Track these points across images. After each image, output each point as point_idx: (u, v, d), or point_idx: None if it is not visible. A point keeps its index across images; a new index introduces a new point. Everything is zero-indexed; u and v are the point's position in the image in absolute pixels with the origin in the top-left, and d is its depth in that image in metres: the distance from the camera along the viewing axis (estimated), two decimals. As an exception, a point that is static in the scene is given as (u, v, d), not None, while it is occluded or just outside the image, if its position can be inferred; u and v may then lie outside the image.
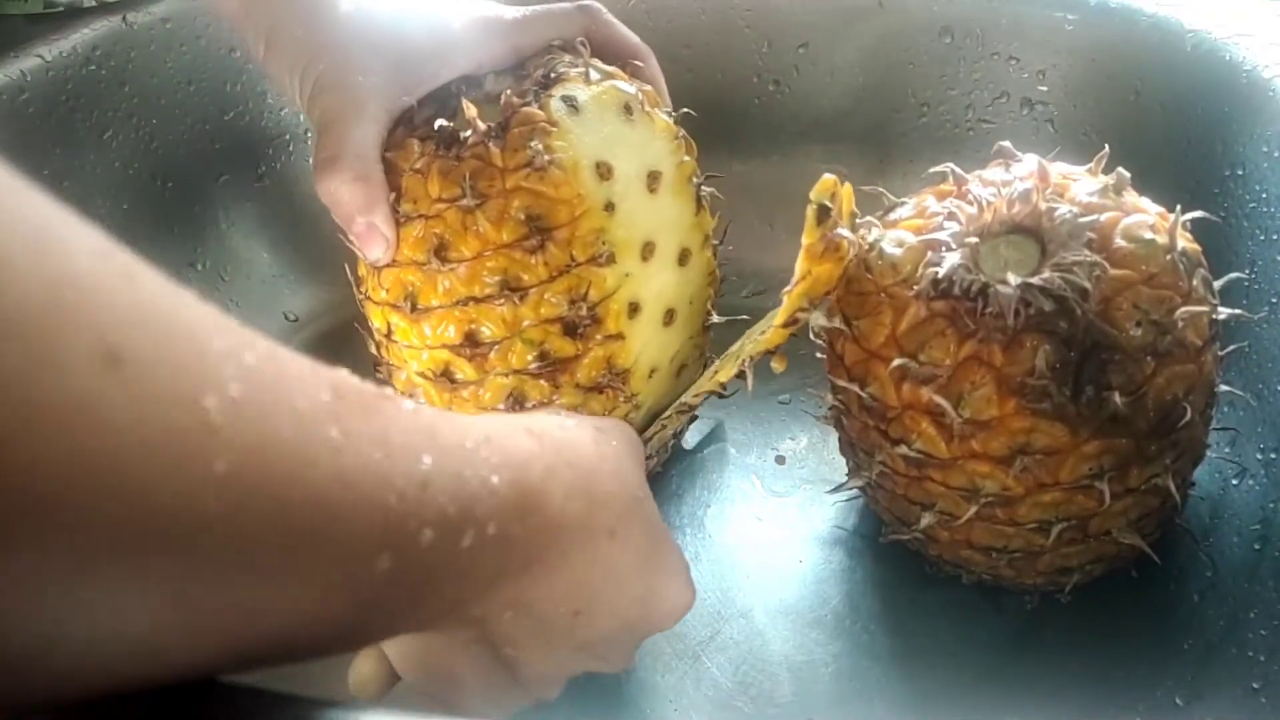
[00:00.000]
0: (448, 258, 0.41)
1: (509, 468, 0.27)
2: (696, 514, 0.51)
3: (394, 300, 0.43)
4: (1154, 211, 0.38)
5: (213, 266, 0.62)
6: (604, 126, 0.42)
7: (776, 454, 0.54)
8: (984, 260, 0.37)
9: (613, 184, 0.41)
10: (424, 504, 0.23)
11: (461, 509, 0.25)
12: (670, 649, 0.45)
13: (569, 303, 0.41)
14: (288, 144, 0.66)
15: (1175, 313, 0.36)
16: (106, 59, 0.56)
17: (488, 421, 0.29)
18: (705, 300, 0.48)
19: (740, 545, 0.50)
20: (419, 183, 0.41)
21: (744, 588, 0.48)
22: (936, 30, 0.58)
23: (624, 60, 0.46)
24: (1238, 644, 0.39)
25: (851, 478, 0.45)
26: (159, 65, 0.59)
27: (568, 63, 0.43)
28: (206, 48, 0.60)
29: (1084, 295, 0.35)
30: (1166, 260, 0.36)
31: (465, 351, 0.42)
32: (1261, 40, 0.48)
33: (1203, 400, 0.38)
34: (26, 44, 0.54)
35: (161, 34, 0.59)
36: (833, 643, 0.45)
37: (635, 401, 0.45)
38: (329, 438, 0.20)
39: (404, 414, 0.24)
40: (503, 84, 0.43)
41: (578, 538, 0.31)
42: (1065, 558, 0.41)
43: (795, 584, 0.48)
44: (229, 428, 0.17)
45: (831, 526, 0.50)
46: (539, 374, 0.42)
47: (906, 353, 0.38)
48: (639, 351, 0.44)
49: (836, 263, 0.39)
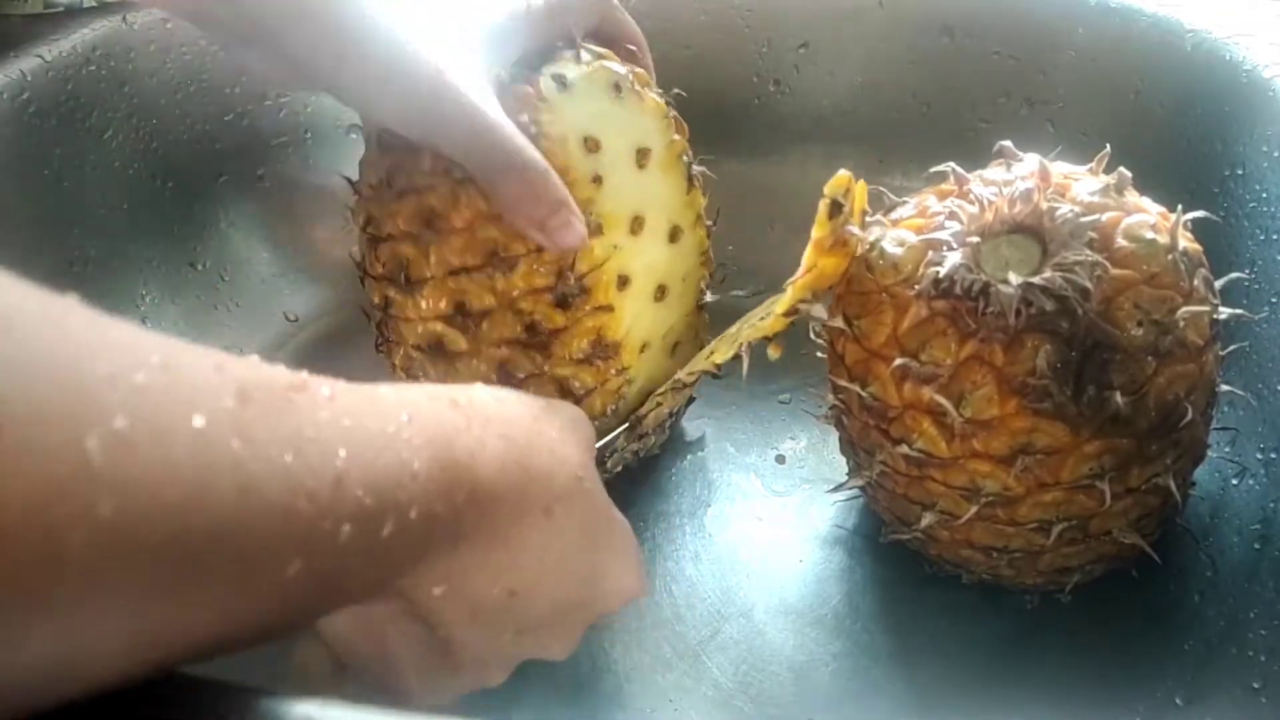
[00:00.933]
0: (439, 228, 0.41)
1: (431, 445, 0.27)
2: (697, 513, 0.51)
3: (389, 274, 0.43)
4: (1155, 211, 0.38)
5: (213, 266, 0.62)
6: (592, 103, 0.42)
7: (777, 453, 0.54)
8: (985, 260, 0.37)
9: (600, 157, 0.42)
10: (339, 501, 0.23)
11: (380, 498, 0.24)
12: (670, 649, 0.45)
13: (557, 273, 0.41)
14: (287, 145, 0.66)
15: (1177, 313, 0.36)
16: (106, 59, 0.56)
17: (414, 396, 0.29)
18: (699, 279, 0.49)
19: (740, 544, 0.50)
20: (411, 157, 0.41)
21: (744, 587, 0.48)
22: (937, 29, 0.58)
23: (620, 44, 0.46)
24: (1238, 644, 0.39)
25: (852, 477, 0.45)
26: (159, 65, 0.59)
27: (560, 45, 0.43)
28: (207, 48, 0.60)
29: (1085, 295, 0.35)
30: (1168, 260, 0.36)
31: (456, 321, 0.42)
32: (1261, 40, 0.48)
33: (1204, 400, 0.38)
34: (26, 44, 0.54)
35: (161, 34, 0.59)
36: (833, 642, 0.45)
37: (627, 376, 0.46)
38: (230, 451, 0.20)
39: (319, 405, 0.23)
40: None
41: (510, 513, 0.30)
42: (1065, 557, 0.41)
43: (795, 583, 0.48)
44: (113, 467, 0.17)
45: (831, 526, 0.50)
46: (529, 344, 0.43)
47: (908, 352, 0.38)
48: (629, 324, 0.45)
49: (844, 258, 0.39)
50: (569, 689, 0.37)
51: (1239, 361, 0.45)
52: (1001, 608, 0.45)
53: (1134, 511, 0.39)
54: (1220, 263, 0.48)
